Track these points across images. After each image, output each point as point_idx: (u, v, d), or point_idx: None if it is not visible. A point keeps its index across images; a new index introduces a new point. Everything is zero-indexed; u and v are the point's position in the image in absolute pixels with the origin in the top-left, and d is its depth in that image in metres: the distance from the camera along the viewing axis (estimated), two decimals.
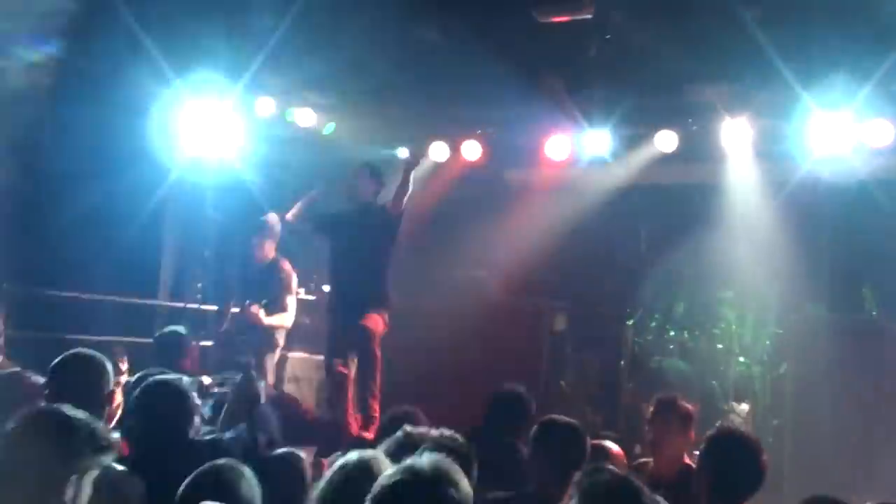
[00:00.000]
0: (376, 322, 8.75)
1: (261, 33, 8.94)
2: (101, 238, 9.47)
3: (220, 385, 7.21)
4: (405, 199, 8.89)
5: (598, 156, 11.10)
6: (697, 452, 5.37)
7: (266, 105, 11.11)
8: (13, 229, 9.02)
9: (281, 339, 10.06)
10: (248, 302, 9.56)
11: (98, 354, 5.14)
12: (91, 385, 4.86)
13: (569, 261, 12.07)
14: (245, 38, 9.10)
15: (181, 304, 11.12)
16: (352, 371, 8.96)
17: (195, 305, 10.77)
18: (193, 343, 7.73)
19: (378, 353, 8.57)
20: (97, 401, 4.78)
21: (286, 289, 9.91)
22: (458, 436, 4.65)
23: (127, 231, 10.01)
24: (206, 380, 7.35)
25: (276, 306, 9.79)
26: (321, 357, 9.76)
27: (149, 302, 11.42)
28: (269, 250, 10.04)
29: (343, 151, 11.62)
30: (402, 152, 10.14)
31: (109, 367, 5.08)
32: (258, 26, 8.91)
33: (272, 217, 10.00)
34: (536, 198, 12.13)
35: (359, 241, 8.93)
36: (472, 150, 11.88)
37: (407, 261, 10.17)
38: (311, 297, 11.62)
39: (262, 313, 9.56)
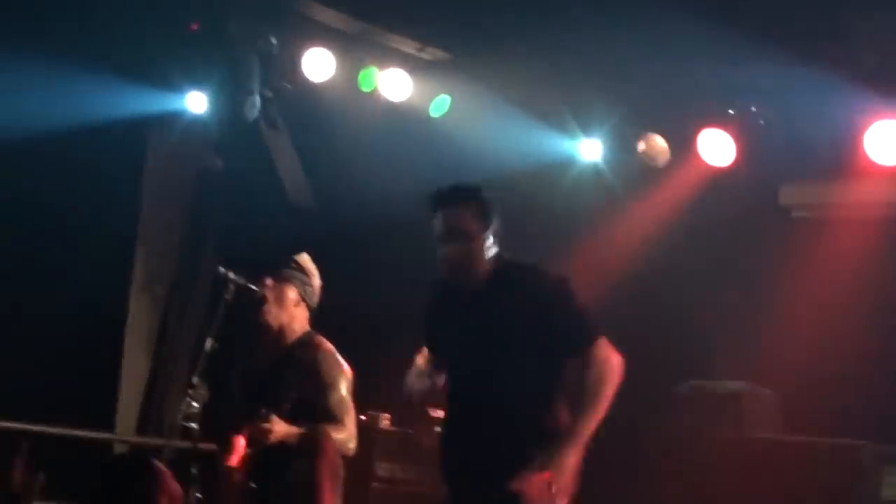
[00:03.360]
0: (541, 485, 5.52)
1: None
2: None
3: None
4: None
5: None
6: None
7: (320, 60, 8.53)
8: None
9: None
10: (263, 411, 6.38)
11: None
12: None
13: None
14: None
15: (159, 441, 8.03)
16: None
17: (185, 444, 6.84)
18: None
19: None
20: None
21: (330, 387, 6.48)
22: None
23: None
24: None
25: (310, 412, 6.42)
26: None
27: (99, 435, 8.40)
28: (288, 315, 6.60)
29: (465, 148, 8.87)
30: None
31: None
32: None
33: (306, 261, 6.73)
34: (844, 241, 9.04)
35: (483, 347, 5.72)
36: (716, 147, 8.91)
37: None
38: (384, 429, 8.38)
39: (276, 426, 6.26)
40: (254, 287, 6.97)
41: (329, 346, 6.83)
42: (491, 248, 5.85)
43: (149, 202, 8.31)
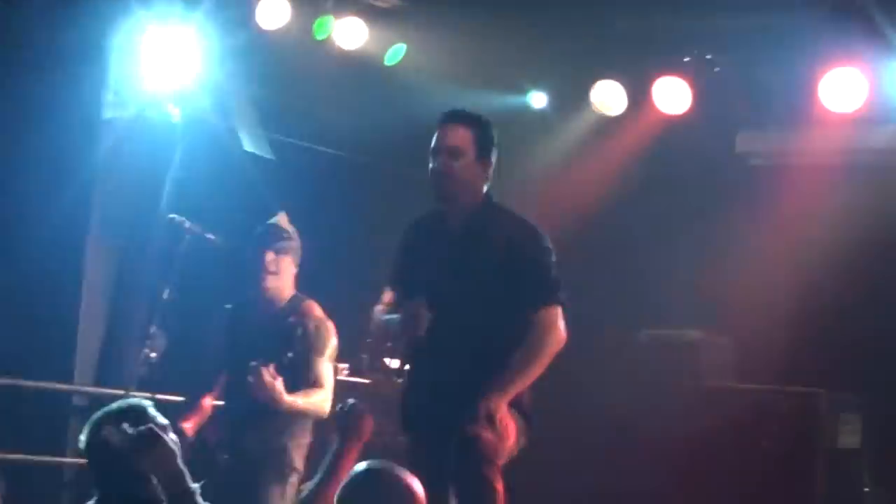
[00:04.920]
0: (497, 431, 5.65)
1: None
2: None
3: None
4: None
5: None
6: None
7: (275, 8, 8.43)
8: None
9: (302, 449, 6.91)
10: (253, 363, 6.50)
11: None
12: None
13: (867, 318, 8.94)
14: None
15: (117, 390, 7.46)
16: None
17: (143, 394, 6.96)
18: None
19: (498, 485, 5.56)
20: None
21: (316, 349, 6.85)
22: None
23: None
24: None
25: (299, 376, 6.76)
26: None
27: (58, 386, 8.20)
28: (286, 283, 6.97)
29: (419, 98, 8.73)
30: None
31: None
32: None
33: (284, 221, 7.05)
34: (800, 189, 9.11)
35: (456, 284, 5.81)
36: (672, 95, 8.95)
37: None
38: (363, 382, 8.29)
39: (278, 385, 6.50)
40: (210, 235, 7.02)
41: (321, 312, 7.11)
42: (482, 181, 5.85)
43: (105, 153, 8.23)
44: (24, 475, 7.39)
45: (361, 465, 4.26)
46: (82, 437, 4.35)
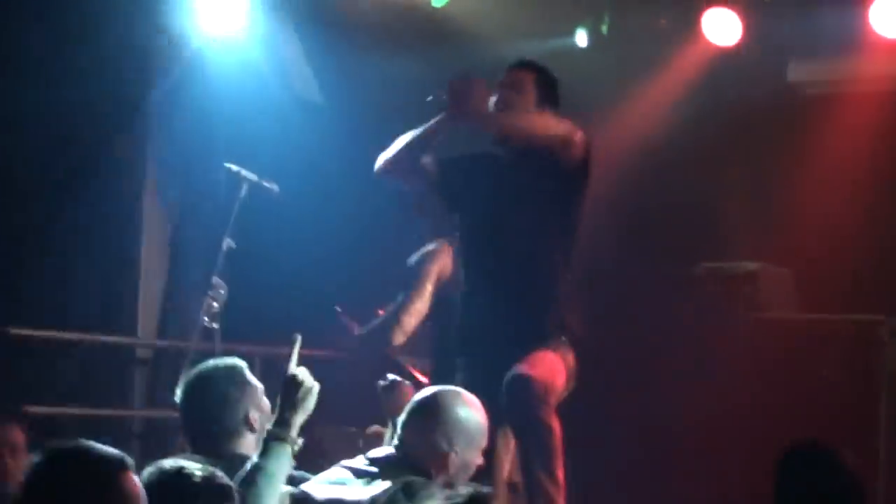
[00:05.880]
0: (547, 366, 5.82)
1: None
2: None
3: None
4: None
5: None
6: None
7: None
8: None
9: None
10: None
11: None
12: None
13: None
14: None
15: (181, 342, 7.63)
16: (505, 460, 6.12)
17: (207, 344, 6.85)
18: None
19: (553, 423, 5.74)
20: None
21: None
22: None
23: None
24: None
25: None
26: None
27: (122, 340, 8.30)
28: None
29: (472, 43, 8.68)
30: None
31: None
32: None
33: None
34: (854, 116, 8.87)
35: (506, 215, 5.98)
36: (721, 26, 8.66)
37: (601, 248, 7.81)
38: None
39: None
40: (267, 184, 7.00)
41: None
42: None
43: (156, 103, 8.24)
44: (91, 428, 7.37)
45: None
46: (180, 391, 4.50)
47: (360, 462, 4.56)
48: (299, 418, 4.20)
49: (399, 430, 4.64)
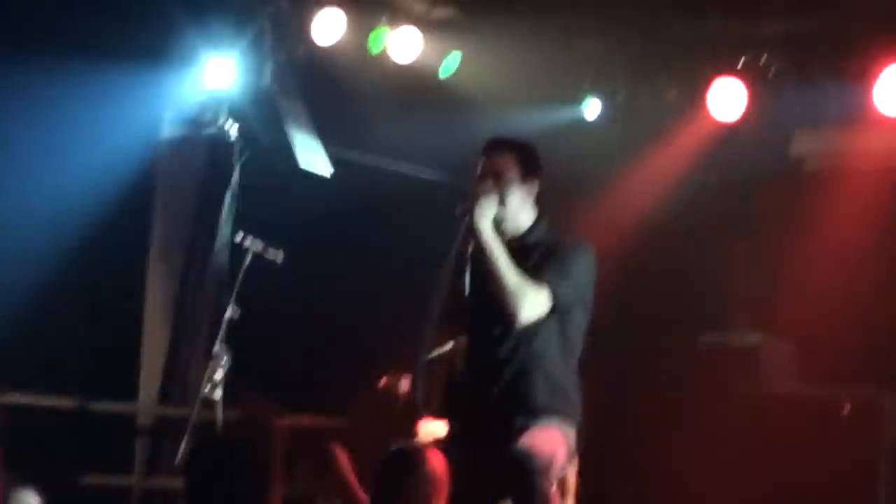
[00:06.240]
0: (546, 443, 5.62)
1: None
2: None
3: None
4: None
5: None
6: None
7: (328, 21, 8.17)
8: None
9: None
10: None
11: None
12: None
13: None
14: None
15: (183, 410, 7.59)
16: None
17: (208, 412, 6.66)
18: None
19: (551, 496, 5.53)
20: None
21: None
22: None
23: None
24: None
25: None
26: None
27: (123, 407, 8.25)
28: None
29: (475, 108, 8.62)
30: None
31: None
32: None
33: None
34: (856, 191, 8.85)
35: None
36: (725, 98, 8.58)
37: (603, 320, 6.56)
38: None
39: None
40: (271, 253, 6.97)
41: None
42: (527, 203, 5.81)
43: (163, 172, 8.17)
44: (92, 496, 7.43)
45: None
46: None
47: None
48: None
49: None
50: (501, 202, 5.67)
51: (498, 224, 5.64)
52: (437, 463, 4.87)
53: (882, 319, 8.64)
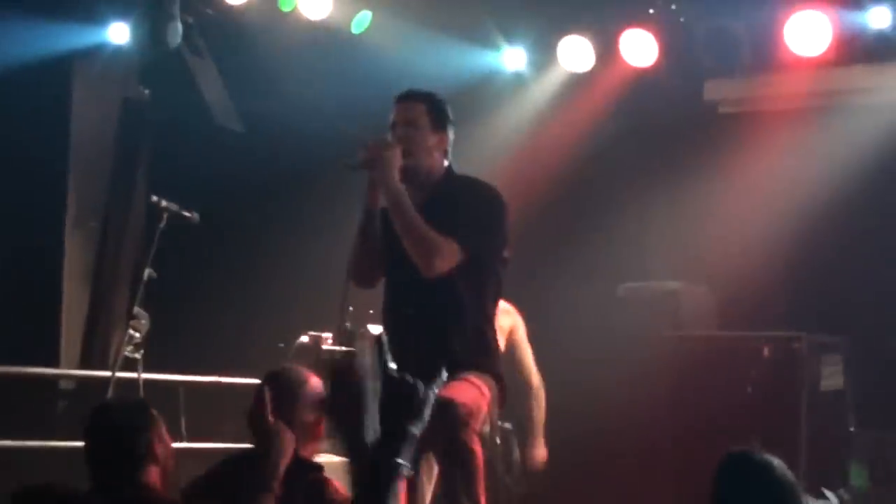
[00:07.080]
0: (471, 392, 5.62)
1: None
2: None
3: None
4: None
5: None
6: None
7: None
8: None
9: None
10: None
11: None
12: None
13: (844, 263, 8.77)
14: None
15: (104, 373, 7.37)
16: (428, 485, 6.11)
17: (129, 375, 6.91)
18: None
19: (477, 448, 5.55)
20: None
21: None
22: None
23: None
24: None
25: None
26: None
27: (45, 371, 8.06)
28: None
29: (387, 64, 8.51)
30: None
31: None
32: None
33: None
34: (770, 134, 8.92)
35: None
36: (638, 48, 8.72)
37: (525, 266, 7.44)
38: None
39: None
40: (186, 213, 6.94)
41: None
42: (439, 152, 5.81)
43: (77, 137, 8.10)
44: (13, 461, 7.35)
45: None
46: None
47: None
48: None
49: None
50: (410, 153, 5.69)
51: (409, 175, 5.65)
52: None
53: (797, 262, 8.73)
